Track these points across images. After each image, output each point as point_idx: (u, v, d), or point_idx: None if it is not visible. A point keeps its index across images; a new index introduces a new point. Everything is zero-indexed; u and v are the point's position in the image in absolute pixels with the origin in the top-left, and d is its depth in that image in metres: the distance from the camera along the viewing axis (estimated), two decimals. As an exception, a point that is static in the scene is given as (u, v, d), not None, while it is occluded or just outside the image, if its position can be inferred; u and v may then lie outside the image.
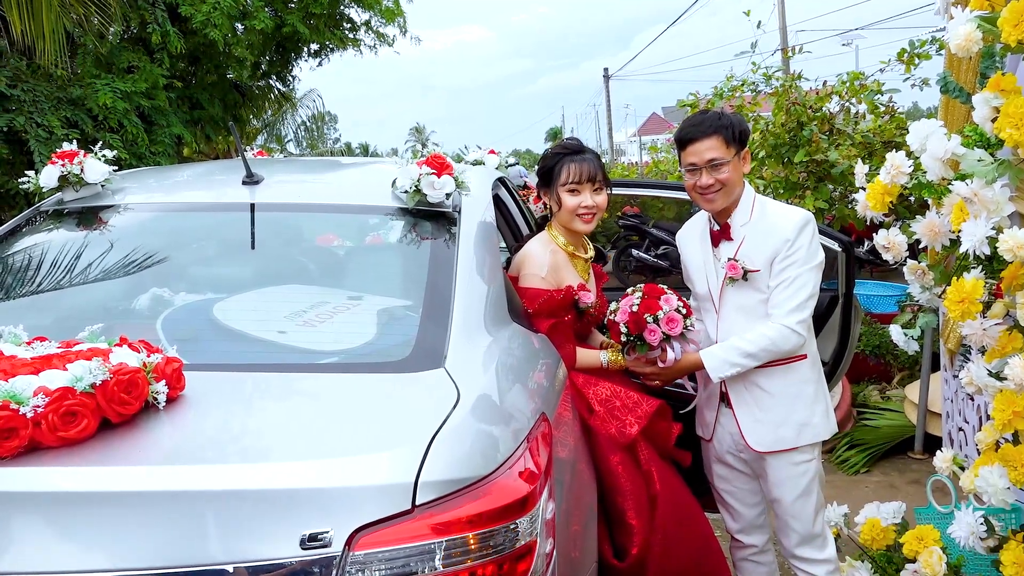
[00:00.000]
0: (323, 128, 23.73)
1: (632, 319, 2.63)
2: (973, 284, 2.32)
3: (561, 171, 2.72)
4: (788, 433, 2.64)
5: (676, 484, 2.68)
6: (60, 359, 1.57)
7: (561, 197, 2.71)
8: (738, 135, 2.60)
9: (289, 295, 2.24)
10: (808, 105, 5.59)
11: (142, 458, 1.51)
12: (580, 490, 2.24)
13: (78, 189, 2.56)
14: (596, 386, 2.61)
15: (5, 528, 1.36)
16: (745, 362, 2.57)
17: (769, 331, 2.54)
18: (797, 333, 2.54)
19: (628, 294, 2.71)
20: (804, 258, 2.54)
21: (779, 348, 2.55)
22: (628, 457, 2.58)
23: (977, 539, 2.47)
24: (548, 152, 2.82)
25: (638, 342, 2.64)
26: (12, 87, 7.40)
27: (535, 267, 2.68)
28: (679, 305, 2.64)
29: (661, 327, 2.60)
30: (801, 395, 2.65)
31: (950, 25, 2.37)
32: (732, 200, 2.63)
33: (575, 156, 2.74)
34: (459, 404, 1.65)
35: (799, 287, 2.54)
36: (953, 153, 2.36)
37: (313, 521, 1.38)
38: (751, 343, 2.55)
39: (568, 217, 2.72)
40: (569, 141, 2.85)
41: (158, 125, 9.00)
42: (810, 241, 2.56)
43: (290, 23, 10.10)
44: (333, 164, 4.08)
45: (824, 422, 2.69)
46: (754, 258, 2.60)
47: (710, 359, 2.62)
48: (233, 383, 1.80)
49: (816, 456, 2.71)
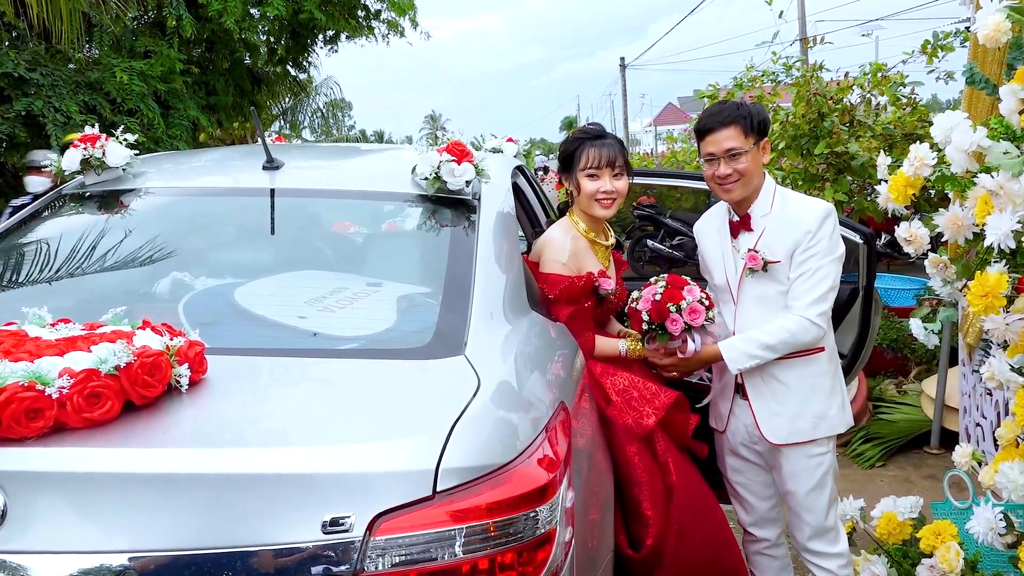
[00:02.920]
0: (338, 115, 23.75)
1: (654, 308, 2.61)
2: (997, 278, 2.30)
3: (581, 156, 2.71)
4: (804, 425, 2.63)
5: (692, 475, 2.68)
6: (84, 341, 1.58)
7: (580, 182, 2.70)
8: (757, 125, 2.58)
9: (309, 281, 2.24)
10: (829, 96, 5.54)
11: (165, 440, 1.52)
12: (597, 479, 2.24)
13: (100, 173, 2.56)
14: (614, 376, 2.60)
15: (30, 507, 1.38)
16: (764, 354, 2.56)
17: (789, 323, 2.53)
18: (817, 325, 2.52)
19: (651, 283, 2.69)
20: (825, 249, 2.53)
21: (799, 340, 2.54)
22: (645, 448, 2.58)
23: (996, 535, 2.46)
24: (569, 137, 2.81)
25: (659, 331, 2.62)
26: (31, 71, 7.44)
27: (556, 253, 2.67)
28: (702, 296, 2.62)
29: (683, 317, 2.58)
30: (818, 388, 2.64)
31: (979, 15, 2.34)
32: (751, 190, 2.61)
33: (595, 141, 2.72)
34: (479, 391, 1.65)
35: (820, 279, 2.52)
36: (979, 145, 2.33)
37: (334, 506, 1.39)
38: (771, 335, 2.54)
39: (587, 202, 2.71)
40: (590, 126, 2.83)
41: (175, 109, 9.03)
42: (831, 233, 2.55)
43: (307, 9, 10.09)
44: (353, 150, 4.09)
45: (840, 415, 2.68)
46: (774, 249, 2.58)
47: (729, 351, 2.60)
48: (254, 367, 1.81)
49: (831, 449, 2.69)
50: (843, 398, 2.70)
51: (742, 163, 2.55)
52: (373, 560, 1.39)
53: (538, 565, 1.53)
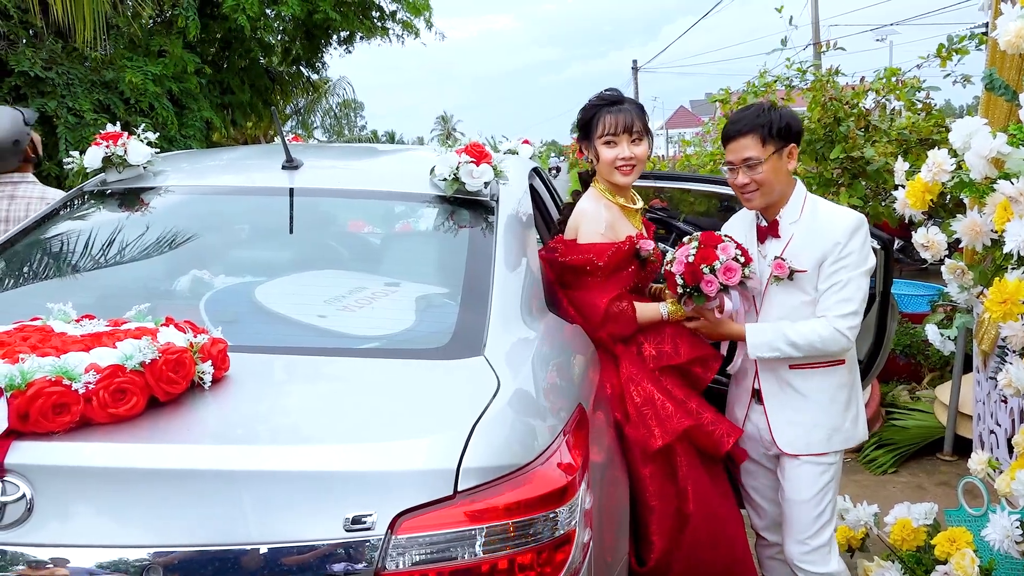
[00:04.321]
0: (351, 116, 23.82)
1: (688, 270, 2.52)
2: (1016, 285, 2.30)
3: (598, 123, 2.64)
4: (819, 437, 2.59)
5: (714, 500, 2.61)
6: (109, 337, 1.60)
7: (599, 150, 2.65)
8: (778, 132, 2.52)
9: (328, 280, 2.25)
10: (845, 101, 5.53)
11: (189, 437, 1.54)
12: (614, 483, 2.24)
13: (121, 170, 2.59)
14: (638, 385, 2.54)
15: (57, 501, 1.39)
16: (788, 351, 2.50)
17: (822, 329, 2.47)
18: (847, 338, 2.48)
19: (684, 243, 2.60)
20: (856, 262, 2.48)
21: (826, 349, 2.49)
22: (661, 469, 2.52)
23: (1012, 542, 2.45)
24: (587, 104, 2.73)
25: (695, 293, 2.54)
26: (47, 69, 7.49)
27: (593, 223, 2.61)
28: (737, 253, 2.52)
29: (718, 277, 2.49)
30: (836, 400, 2.60)
31: (1000, 20, 2.34)
32: (775, 198, 2.57)
33: (612, 107, 2.65)
34: (499, 392, 1.65)
35: (852, 292, 2.47)
36: (998, 151, 2.33)
37: (356, 504, 1.40)
38: (800, 335, 2.49)
39: (607, 170, 2.65)
40: (607, 92, 2.74)
41: (188, 109, 9.08)
42: (862, 245, 2.50)
43: (322, 9, 10.13)
44: (370, 151, 4.10)
45: (854, 428, 2.64)
46: (802, 258, 2.53)
47: (754, 335, 2.55)
48: (276, 365, 1.82)
49: (838, 460, 2.65)
50: (858, 411, 2.66)
51: (759, 173, 2.51)
52: (394, 558, 1.40)
53: (557, 566, 1.54)
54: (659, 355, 2.62)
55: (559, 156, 22.24)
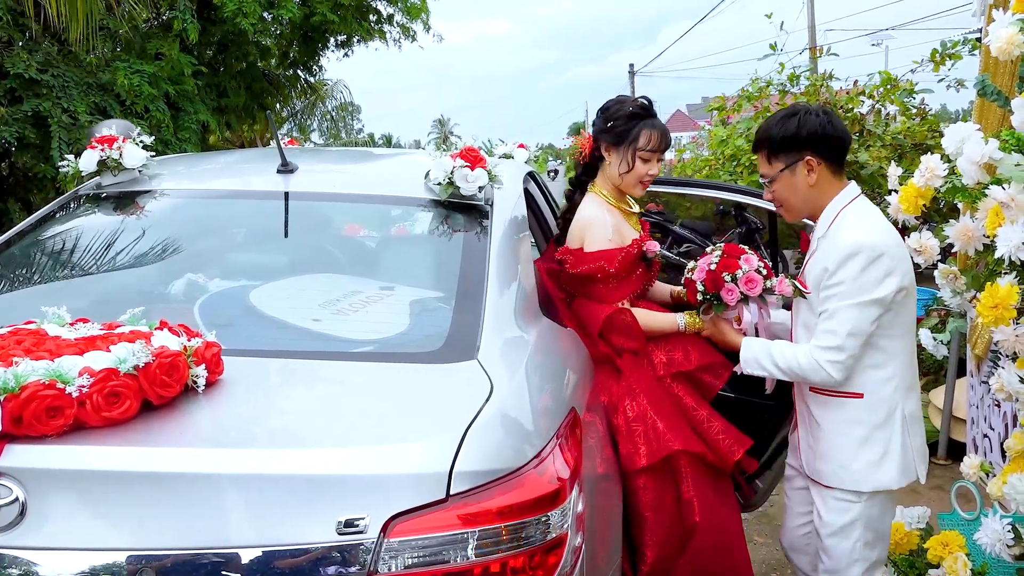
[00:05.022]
0: (347, 119, 23.86)
1: (709, 278, 2.52)
2: (1008, 290, 2.30)
3: (640, 135, 2.61)
4: (826, 470, 2.46)
5: (719, 510, 2.59)
6: (103, 341, 1.60)
7: (633, 161, 2.63)
8: (783, 145, 2.41)
9: (323, 284, 2.26)
10: (839, 106, 5.55)
11: (182, 440, 1.54)
12: (606, 486, 2.25)
13: (116, 174, 2.59)
14: (634, 399, 2.52)
15: (49, 504, 1.39)
16: (772, 370, 2.44)
17: (802, 356, 2.37)
18: (826, 371, 2.32)
19: (707, 253, 2.62)
20: (846, 292, 2.30)
21: (807, 377, 2.38)
22: (656, 481, 2.51)
23: (1004, 546, 2.46)
24: (624, 110, 2.65)
25: (714, 301, 2.54)
26: (43, 71, 7.48)
27: (601, 231, 2.60)
28: (759, 265, 2.51)
29: (739, 287, 2.49)
30: (847, 435, 2.41)
31: (991, 27, 2.35)
32: (803, 213, 2.50)
33: (654, 120, 2.65)
34: (492, 396, 1.66)
35: (837, 324, 2.30)
36: (991, 157, 2.34)
37: (349, 507, 1.41)
38: (783, 357, 2.41)
39: (631, 181, 2.65)
40: (644, 101, 2.71)
41: (185, 111, 9.07)
42: (859, 273, 2.29)
43: (320, 12, 10.13)
44: (366, 155, 4.11)
45: (866, 472, 2.39)
46: (810, 278, 2.44)
47: (747, 349, 2.51)
48: (269, 369, 1.82)
49: (864, 500, 2.43)
50: (881, 455, 2.39)
51: (773, 190, 2.47)
52: (386, 561, 1.40)
53: (549, 569, 1.54)
54: (669, 362, 2.63)
55: (556, 159, 22.31)
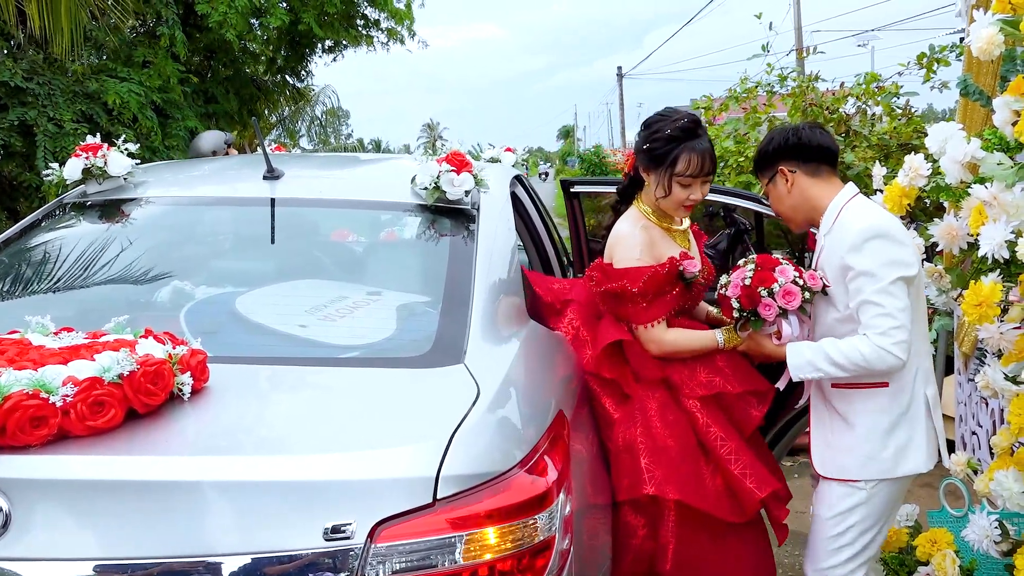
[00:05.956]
0: (336, 124, 23.83)
1: (745, 293, 2.40)
2: (991, 288, 2.32)
3: (679, 160, 2.46)
4: (851, 463, 2.41)
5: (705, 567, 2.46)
6: (87, 349, 1.59)
7: (671, 186, 2.49)
8: (759, 164, 2.51)
9: (309, 290, 2.25)
10: (825, 106, 5.58)
11: (167, 448, 1.53)
12: (594, 490, 2.25)
13: (101, 182, 2.58)
14: (627, 429, 2.44)
15: (34, 514, 1.39)
16: (831, 370, 2.33)
17: (863, 346, 2.28)
18: (893, 355, 2.25)
19: (739, 266, 2.48)
20: (879, 274, 2.27)
21: (873, 367, 2.28)
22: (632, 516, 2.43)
23: (991, 542, 2.47)
24: (665, 132, 2.49)
25: (752, 318, 2.42)
26: (28, 79, 7.45)
27: (628, 250, 2.49)
28: (796, 276, 2.38)
29: (777, 300, 2.36)
30: (875, 426, 2.39)
31: (972, 28, 2.37)
32: (801, 220, 2.52)
33: (695, 142, 2.47)
34: (479, 400, 1.66)
35: (887, 304, 2.26)
36: (973, 156, 2.36)
37: (336, 513, 1.40)
38: (841, 352, 2.30)
39: (672, 206, 2.54)
40: (687, 122, 2.50)
41: (173, 119, 9.04)
42: (882, 255, 2.28)
43: (305, 21, 10.13)
44: (352, 160, 4.10)
45: (895, 460, 2.39)
46: (826, 271, 2.40)
47: (795, 356, 2.39)
48: (256, 376, 1.82)
49: (872, 490, 2.41)
50: (906, 442, 2.40)
51: (770, 205, 2.58)
52: (374, 567, 1.40)
53: (537, 572, 1.54)
54: (710, 383, 2.50)
55: (546, 163, 22.37)
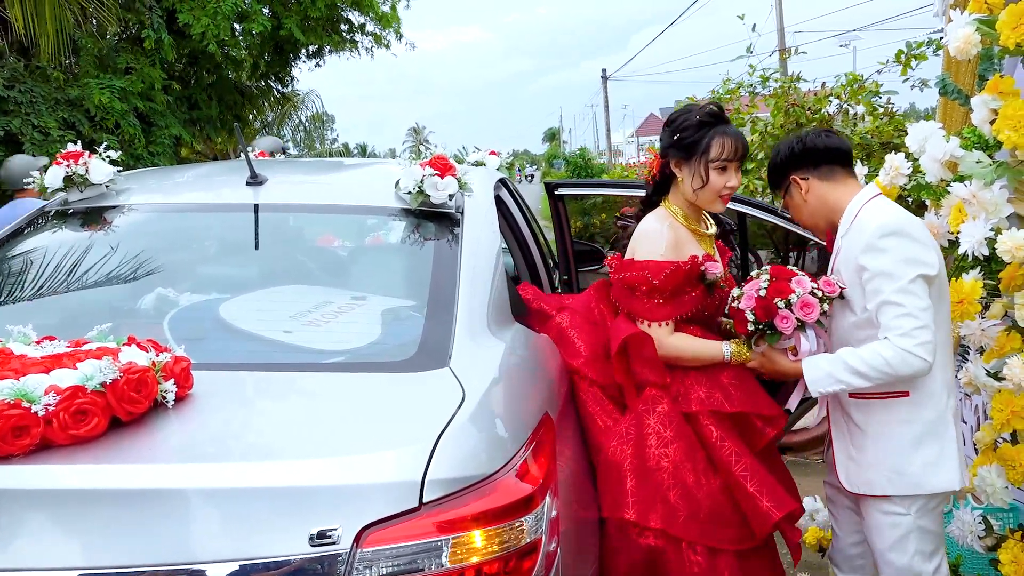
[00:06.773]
0: (321, 129, 23.80)
1: (760, 305, 2.30)
2: (972, 285, 2.34)
3: (712, 144, 2.39)
4: (878, 478, 2.31)
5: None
6: (70, 358, 1.59)
7: (708, 174, 2.41)
8: (773, 178, 2.50)
9: (294, 295, 2.25)
10: (807, 107, 5.61)
11: (151, 456, 1.53)
12: (580, 492, 2.25)
13: (83, 189, 2.57)
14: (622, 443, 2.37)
15: (17, 524, 1.38)
16: (853, 380, 2.20)
17: (884, 350, 2.15)
18: (919, 357, 2.12)
19: (753, 277, 2.39)
20: (897, 273, 2.16)
21: (898, 372, 2.14)
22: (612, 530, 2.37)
23: (975, 538, 2.50)
24: (692, 120, 2.44)
25: (768, 331, 2.31)
26: (9, 88, 7.41)
27: (652, 246, 2.42)
28: (813, 287, 2.28)
29: (795, 313, 2.26)
30: (897, 438, 2.28)
31: (949, 27, 2.40)
32: (820, 226, 2.48)
33: (726, 127, 2.42)
34: (464, 403, 1.66)
35: (908, 305, 2.14)
36: (952, 155, 2.38)
37: (321, 518, 1.40)
38: (862, 360, 2.18)
39: (708, 196, 2.44)
40: (713, 107, 2.46)
41: (156, 126, 9.01)
42: (900, 252, 2.17)
43: (287, 27, 10.11)
44: (336, 165, 4.10)
45: (925, 473, 2.25)
46: (843, 274, 2.32)
47: (812, 370, 2.26)
48: (240, 382, 1.82)
49: (914, 511, 2.29)
50: (938, 454, 2.26)
51: (790, 217, 2.64)
52: (360, 572, 1.40)
53: (524, 574, 1.54)
54: (708, 398, 2.42)
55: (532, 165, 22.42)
